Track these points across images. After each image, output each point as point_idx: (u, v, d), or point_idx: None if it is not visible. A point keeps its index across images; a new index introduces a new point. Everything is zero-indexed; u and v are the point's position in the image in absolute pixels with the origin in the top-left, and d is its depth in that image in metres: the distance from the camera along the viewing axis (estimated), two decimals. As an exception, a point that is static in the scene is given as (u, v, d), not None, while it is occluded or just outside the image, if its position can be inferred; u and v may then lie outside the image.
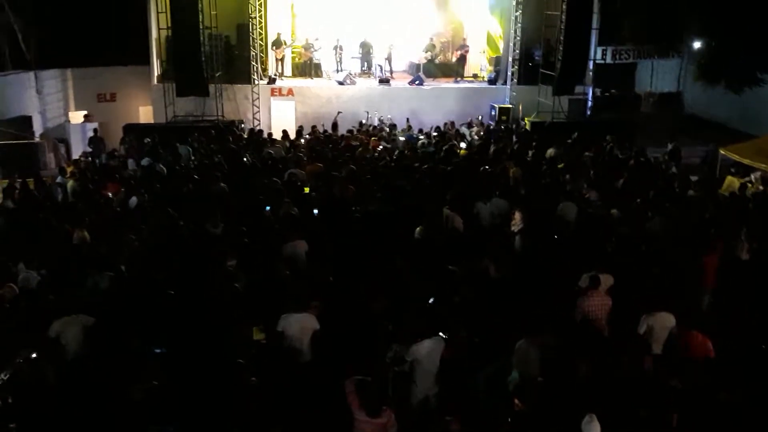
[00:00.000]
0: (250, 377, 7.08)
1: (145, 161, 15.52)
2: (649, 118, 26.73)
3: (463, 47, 25.05)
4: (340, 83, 23.37)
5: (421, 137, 19.08)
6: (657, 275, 10.08)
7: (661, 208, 12.54)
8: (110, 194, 13.16)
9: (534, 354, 7.48)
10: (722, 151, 17.15)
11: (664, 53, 23.42)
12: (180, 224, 11.04)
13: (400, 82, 24.16)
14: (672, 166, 17.12)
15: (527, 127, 21.66)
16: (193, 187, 13.31)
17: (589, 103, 24.09)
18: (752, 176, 16.10)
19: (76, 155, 19.81)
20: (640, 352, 8.02)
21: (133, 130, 20.18)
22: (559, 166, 15.71)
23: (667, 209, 12.59)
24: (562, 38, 21.67)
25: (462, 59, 25.13)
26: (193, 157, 16.58)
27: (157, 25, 21.41)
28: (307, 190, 13.53)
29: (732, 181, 16.18)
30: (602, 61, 25.63)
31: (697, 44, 15.19)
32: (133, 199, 12.50)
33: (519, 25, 23.73)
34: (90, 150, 18.79)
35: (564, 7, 21.38)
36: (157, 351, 7.74)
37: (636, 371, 7.73)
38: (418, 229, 10.82)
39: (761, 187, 15.03)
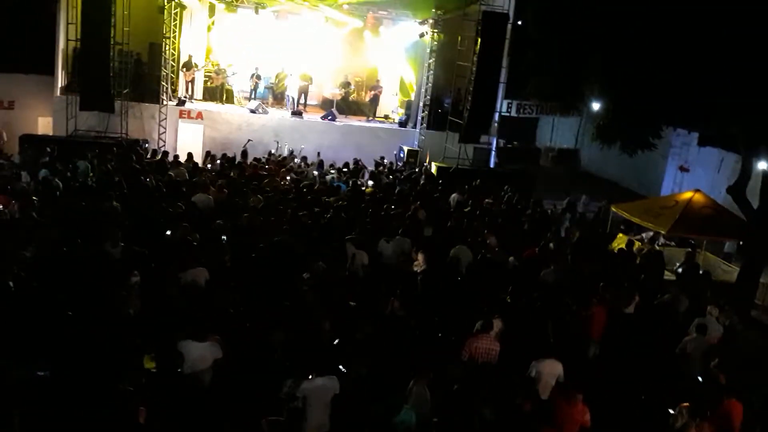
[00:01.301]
0: (138, 406, 6.82)
1: (42, 174, 14.86)
2: (547, 171, 27.93)
3: (377, 88, 25.50)
4: (252, 111, 23.23)
5: (332, 172, 19.16)
6: (547, 323, 10.44)
7: (555, 259, 13.05)
8: (1, 206, 12.50)
9: (427, 394, 7.61)
10: (613, 209, 18.05)
11: (565, 111, 24.63)
12: (75, 242, 10.59)
13: (313, 116, 24.26)
14: (567, 219, 17.88)
15: (433, 171, 22.13)
16: (88, 205, 12.81)
17: (493, 153, 24.90)
18: (643, 235, 16.99)
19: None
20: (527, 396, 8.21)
21: (31, 140, 19.33)
22: (466, 210, 16.14)
23: (560, 260, 13.13)
24: (471, 89, 22.41)
25: (375, 99, 25.58)
26: (91, 174, 16.00)
27: (66, 36, 20.72)
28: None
29: (622, 238, 17.03)
30: (507, 114, 26.73)
31: (596, 106, 16.01)
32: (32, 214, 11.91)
33: (431, 72, 24.39)
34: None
35: (475, 59, 22.15)
36: (40, 374, 7.35)
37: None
38: (319, 263, 10.80)
39: (652, 246, 15.87)
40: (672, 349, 10.55)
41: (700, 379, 9.96)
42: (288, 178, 17.59)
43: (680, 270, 15.36)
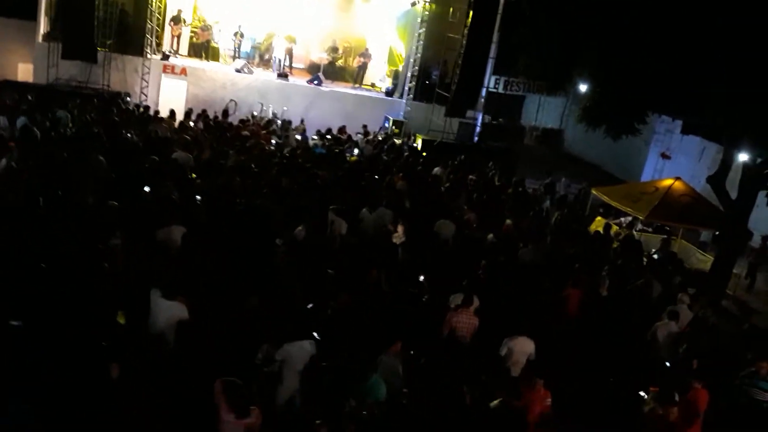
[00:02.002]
0: (111, 361, 6.78)
1: (20, 121, 14.57)
2: (530, 150, 27.98)
3: (365, 55, 25.23)
4: (238, 71, 22.92)
5: (315, 138, 19.02)
6: (523, 301, 10.52)
7: (533, 238, 13.13)
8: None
9: (396, 366, 7.65)
10: (593, 192, 18.15)
11: (552, 91, 24.57)
12: (54, 192, 10.42)
13: (299, 79, 24.00)
14: (547, 199, 17.97)
15: (418, 143, 22.06)
16: (68, 156, 12.61)
17: (478, 129, 24.87)
18: (621, 219, 17.11)
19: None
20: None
21: (10, 87, 18.94)
22: (444, 185, 16.14)
23: (538, 240, 13.22)
24: (460, 62, 22.31)
25: (363, 67, 25.33)
26: (71, 125, 15.73)
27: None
28: (193, 175, 13.13)
29: (600, 221, 17.14)
30: (494, 90, 26.60)
31: (583, 88, 15.99)
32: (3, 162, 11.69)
33: (421, 42, 24.17)
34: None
35: (465, 32, 22.02)
36: (14, 324, 7.27)
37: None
38: (298, 228, 10.76)
39: (629, 231, 16.01)
40: (643, 333, 10.70)
41: (668, 364, 10.13)
42: (272, 141, 17.44)
43: (656, 256, 15.54)
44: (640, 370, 9.77)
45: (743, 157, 13.82)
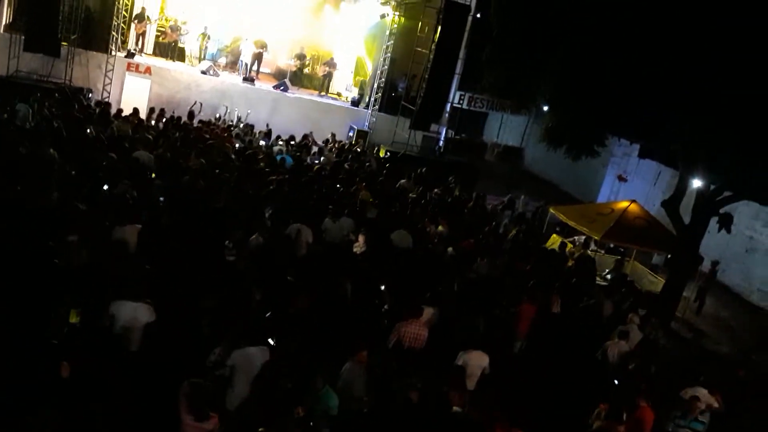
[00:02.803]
0: (61, 360, 6.66)
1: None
2: (491, 166, 28.28)
3: (331, 64, 25.25)
4: (203, 72, 22.74)
5: (279, 143, 18.96)
6: (477, 315, 10.61)
7: (490, 253, 13.28)
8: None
9: (360, 374, 7.66)
10: (551, 210, 18.42)
11: (515, 109, 24.90)
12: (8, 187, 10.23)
13: (265, 84, 23.91)
14: (506, 215, 18.20)
15: (381, 154, 22.15)
16: (27, 150, 12.37)
17: (441, 143, 25.04)
18: (575, 238, 17.40)
19: None
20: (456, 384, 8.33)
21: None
22: (411, 196, 16.27)
23: (495, 255, 13.37)
24: (426, 76, 22.52)
25: (328, 76, 25.36)
26: (31, 118, 15.44)
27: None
28: (152, 175, 12.99)
29: (556, 239, 17.41)
30: (459, 105, 26.90)
31: (545, 108, 16.27)
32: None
33: (388, 55, 24.33)
34: None
35: (433, 47, 22.23)
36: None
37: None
38: (254, 236, 10.69)
39: (582, 250, 16.27)
40: (594, 351, 10.90)
41: (617, 382, 10.32)
42: (236, 145, 17.34)
43: (608, 276, 15.84)
44: (590, 386, 9.94)
45: (697, 183, 14.20)
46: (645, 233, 16.08)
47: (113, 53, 21.50)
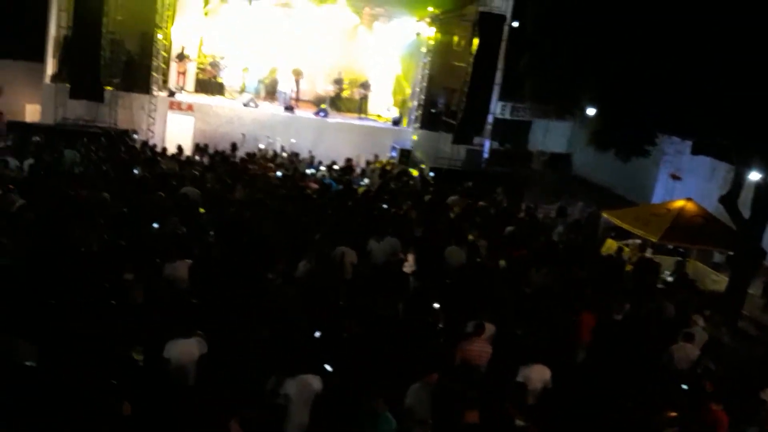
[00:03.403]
0: (122, 401, 6.80)
1: (28, 162, 14.78)
2: (538, 175, 28.01)
3: (365, 86, 25.41)
4: (245, 105, 23.14)
5: (322, 169, 19.14)
6: (536, 328, 10.48)
7: (545, 263, 13.10)
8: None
9: (426, 396, 7.61)
10: (604, 215, 18.12)
11: (559, 115, 24.65)
12: (60, 231, 10.54)
13: (305, 112, 24.19)
14: (559, 224, 17.96)
15: (426, 171, 22.16)
16: (75, 194, 12.76)
17: (485, 155, 24.93)
18: (630, 241, 17.07)
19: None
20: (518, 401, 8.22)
21: (19, 127, 19.25)
22: (454, 211, 16.21)
23: (550, 265, 13.18)
24: (465, 90, 22.50)
25: (364, 98, 25.51)
26: (78, 163, 15.93)
27: (57, 23, 20.70)
28: (201, 210, 13.24)
29: (611, 244, 17.10)
30: (501, 116, 26.75)
31: (590, 111, 16.06)
32: (19, 201, 11.84)
33: (426, 71, 24.40)
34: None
35: (470, 60, 22.22)
36: (28, 364, 7.30)
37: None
38: (302, 262, 10.78)
39: (640, 254, 15.95)
40: (658, 356, 10.62)
41: (685, 387, 10.03)
42: (278, 174, 17.58)
43: (669, 279, 15.47)
44: (657, 394, 9.67)
45: (755, 176, 13.80)
46: (704, 231, 15.69)
47: (155, 93, 22.08)
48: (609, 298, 11.89)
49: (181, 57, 23.57)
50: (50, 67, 21.50)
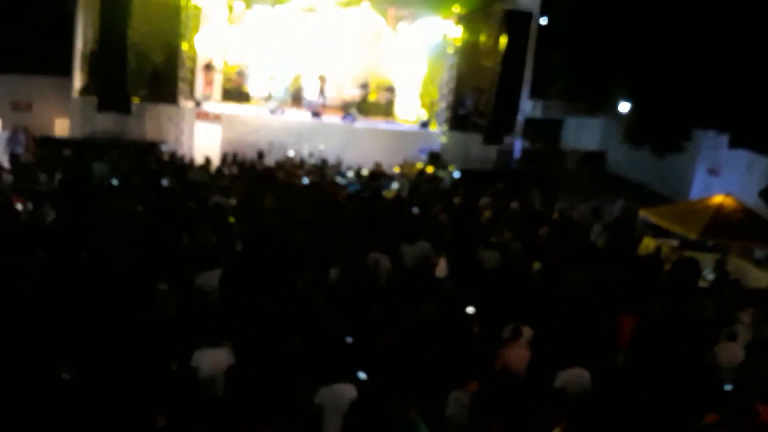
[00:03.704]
0: (157, 413, 6.89)
1: (59, 175, 15.08)
2: (572, 174, 27.76)
3: (390, 90, 25.42)
4: (271, 112, 23.31)
5: (350, 174, 19.21)
6: (574, 330, 10.40)
7: (581, 264, 13.00)
8: (19, 206, 12.73)
9: (465, 404, 7.61)
10: (641, 213, 17.91)
11: (591, 112, 24.48)
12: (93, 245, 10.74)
13: (332, 117, 24.27)
14: (595, 224, 17.79)
15: (456, 173, 22.09)
16: (106, 207, 12.99)
17: (516, 155, 24.78)
18: (668, 240, 16.84)
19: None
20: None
21: (49, 142, 19.61)
22: (486, 213, 16.15)
23: (586, 266, 13.07)
24: (494, 89, 22.41)
25: (390, 101, 25.52)
26: (108, 176, 16.19)
27: (83, 37, 21.05)
28: (231, 219, 13.38)
29: (649, 243, 16.89)
30: (531, 115, 26.58)
31: (624, 107, 15.93)
32: (51, 215, 12.10)
33: (453, 72, 24.33)
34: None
35: (498, 59, 22.14)
36: (65, 377, 7.45)
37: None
38: (333, 269, 10.82)
39: (679, 252, 15.74)
40: (701, 357, 10.47)
41: (729, 388, 9.87)
42: (306, 180, 17.68)
43: (710, 276, 15.24)
44: (701, 395, 9.54)
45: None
46: (744, 227, 15.43)
47: (182, 104, 22.34)
48: (648, 299, 11.75)
49: (207, 67, 23.82)
50: (78, 81, 21.87)
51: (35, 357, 7.52)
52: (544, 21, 22.86)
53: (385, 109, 25.54)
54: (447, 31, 24.35)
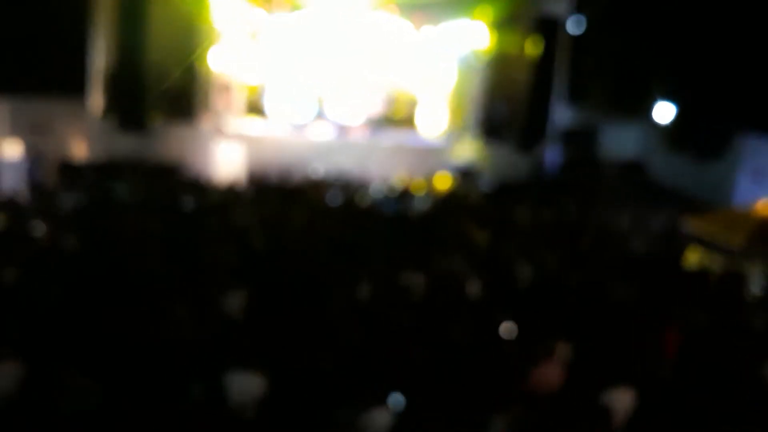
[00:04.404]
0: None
1: (80, 198, 15.29)
2: (609, 182, 27.53)
3: (418, 102, 25.44)
4: (294, 129, 23.43)
5: (378, 192, 19.22)
6: (618, 346, 10.24)
7: (622, 277, 12.83)
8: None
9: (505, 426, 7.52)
10: (684, 222, 17.66)
11: (628, 119, 24.26)
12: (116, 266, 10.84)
13: (355, 133, 24.33)
14: (635, 234, 17.60)
15: (488, 185, 22.04)
16: (128, 227, 13.11)
17: (550, 165, 24.64)
18: (716, 250, 16.56)
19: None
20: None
21: (68, 165, 19.90)
22: (520, 225, 16.08)
23: (629, 278, 12.90)
24: (525, 98, 22.37)
25: (417, 113, 25.52)
26: (129, 197, 16.37)
27: (100, 58, 21.38)
28: (255, 239, 13.43)
29: (693, 254, 16.63)
30: (565, 123, 26.43)
31: (663, 113, 15.78)
32: (72, 238, 12.24)
33: (482, 82, 24.30)
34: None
35: (528, 67, 22.12)
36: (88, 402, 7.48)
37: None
38: (364, 287, 10.79)
39: (724, 262, 15.49)
40: (751, 372, 10.24)
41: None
42: (333, 198, 17.74)
43: (758, 288, 14.95)
44: (753, 412, 9.32)
45: None
46: (793, 234, 15.15)
47: (203, 123, 22.56)
48: (694, 312, 11.56)
49: (228, 85, 24.02)
50: (96, 102, 22.20)
51: (55, 381, 7.57)
52: (578, 26, 22.82)
53: (411, 123, 25.52)
54: (474, 41, 24.32)
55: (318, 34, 24.43)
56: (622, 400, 8.60)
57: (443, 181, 21.89)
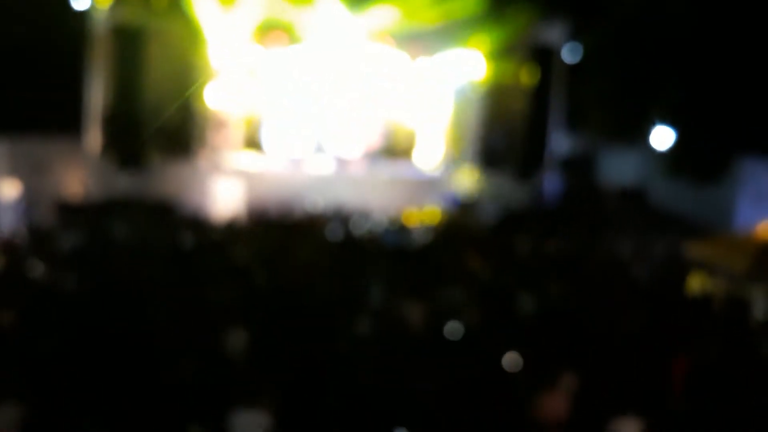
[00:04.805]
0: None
1: (78, 237, 15.32)
2: (610, 209, 27.59)
3: (416, 133, 25.60)
4: (292, 163, 23.54)
5: (376, 226, 19.26)
6: (625, 376, 10.21)
7: (627, 306, 12.83)
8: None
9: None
10: (685, 248, 17.68)
11: (626, 145, 24.40)
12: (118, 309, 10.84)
13: (353, 166, 24.45)
14: (638, 261, 17.62)
15: (488, 215, 22.08)
16: (128, 268, 13.12)
17: (550, 193, 24.73)
18: (719, 277, 16.57)
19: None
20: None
21: (65, 204, 19.96)
22: (521, 255, 16.09)
23: (633, 307, 12.89)
24: (523, 127, 22.53)
25: (415, 145, 25.69)
26: (128, 236, 16.40)
27: (97, 97, 21.58)
28: (255, 276, 13.44)
29: (696, 280, 16.63)
30: (563, 151, 26.59)
31: (662, 138, 15.90)
32: (71, 278, 12.26)
33: (479, 112, 24.48)
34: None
35: (526, 96, 22.31)
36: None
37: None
38: (365, 321, 10.78)
39: (728, 288, 15.49)
40: (759, 400, 10.20)
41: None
42: (331, 232, 17.77)
43: (763, 313, 14.93)
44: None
45: None
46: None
47: (201, 160, 22.67)
48: (700, 340, 11.53)
49: (226, 121, 24.16)
50: (93, 141, 22.36)
51: (56, 424, 7.56)
52: (573, 54, 23.04)
53: (408, 155, 25.64)
54: (471, 70, 24.53)
55: (315, 68, 24.65)
56: (629, 430, 8.56)
57: (438, 213, 21.92)
